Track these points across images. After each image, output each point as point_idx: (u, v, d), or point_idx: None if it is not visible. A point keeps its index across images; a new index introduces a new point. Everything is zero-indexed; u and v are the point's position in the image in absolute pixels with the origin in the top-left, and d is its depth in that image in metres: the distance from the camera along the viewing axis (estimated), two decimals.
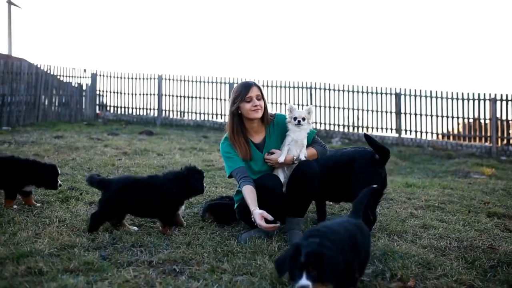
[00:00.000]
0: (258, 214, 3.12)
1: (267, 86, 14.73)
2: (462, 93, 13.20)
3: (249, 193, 3.29)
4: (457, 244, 3.45)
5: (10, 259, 2.66)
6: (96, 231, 3.29)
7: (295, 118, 3.44)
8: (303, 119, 3.44)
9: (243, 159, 3.47)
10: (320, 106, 14.48)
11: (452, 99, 13.32)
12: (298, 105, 14.61)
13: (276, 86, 14.76)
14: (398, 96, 13.81)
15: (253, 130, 3.56)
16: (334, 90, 14.39)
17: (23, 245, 2.91)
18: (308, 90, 14.55)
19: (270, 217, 3.12)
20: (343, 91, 14.33)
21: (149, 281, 2.48)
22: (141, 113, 15.69)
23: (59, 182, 4.06)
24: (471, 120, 13.28)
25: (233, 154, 3.47)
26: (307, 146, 3.51)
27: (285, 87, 14.72)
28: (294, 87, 14.66)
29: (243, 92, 3.42)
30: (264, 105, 3.49)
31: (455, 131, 13.56)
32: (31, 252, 2.76)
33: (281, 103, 14.70)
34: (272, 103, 14.65)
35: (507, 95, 12.64)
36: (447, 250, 3.29)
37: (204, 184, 3.63)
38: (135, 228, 3.51)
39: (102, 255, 2.84)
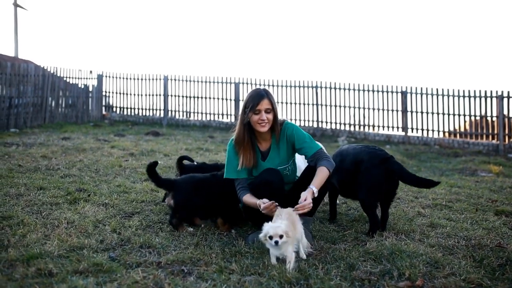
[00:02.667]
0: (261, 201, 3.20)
1: (273, 85, 14.73)
2: (469, 91, 13.13)
3: (250, 196, 3.36)
4: (465, 242, 3.44)
5: (20, 261, 2.68)
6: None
7: (270, 237, 2.77)
8: (281, 236, 2.74)
9: (246, 166, 3.45)
10: (326, 105, 14.47)
11: (459, 96, 13.25)
12: (305, 104, 14.61)
13: (282, 86, 14.76)
14: (404, 94, 13.76)
15: (262, 138, 3.54)
16: (340, 89, 14.37)
17: (32, 247, 2.93)
18: (314, 89, 14.53)
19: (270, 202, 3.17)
20: (349, 89, 14.30)
21: (158, 282, 2.50)
22: (147, 114, 15.74)
23: None
24: (478, 118, 13.20)
25: (236, 163, 3.46)
26: (318, 166, 3.34)
27: (291, 86, 14.72)
28: (300, 86, 14.65)
29: (254, 103, 3.37)
30: (273, 116, 3.44)
31: (462, 129, 13.50)
32: (41, 254, 2.79)
33: (287, 103, 14.70)
34: (278, 102, 14.65)
35: None
36: (455, 248, 3.28)
37: None
38: (191, 229, 3.63)
39: (111, 256, 2.86)
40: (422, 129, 13.62)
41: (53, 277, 2.49)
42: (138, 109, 15.78)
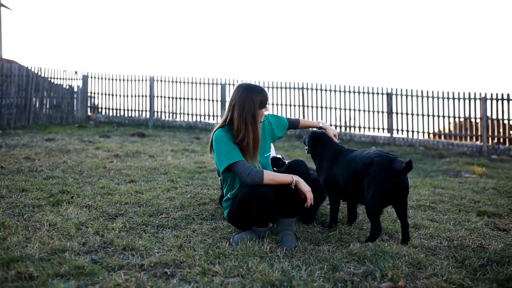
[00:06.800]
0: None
1: None
2: (453, 93, 13.28)
3: (273, 173, 3.30)
4: (447, 243, 3.48)
5: (0, 265, 2.64)
6: None
7: None
8: None
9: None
10: (312, 107, 14.52)
11: (443, 98, 13.39)
12: (291, 105, 14.65)
13: (268, 87, 14.77)
14: (389, 96, 13.86)
15: None
16: (326, 90, 14.43)
17: (13, 249, 2.89)
18: (300, 90, 14.57)
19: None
20: (335, 91, 14.37)
21: (140, 284, 2.48)
22: (133, 115, 15.65)
23: None
24: (462, 119, 13.36)
25: (233, 146, 3.37)
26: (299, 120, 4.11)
27: (277, 87, 14.74)
28: (286, 88, 14.68)
29: (264, 99, 3.46)
30: None
31: (446, 130, 13.64)
32: (22, 257, 2.75)
33: (273, 104, 14.72)
34: None
35: (497, 94, 12.73)
36: (438, 249, 3.31)
37: None
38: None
39: (93, 259, 2.83)
40: (407, 131, 13.73)
41: (34, 280, 2.46)
42: (124, 110, 15.68)
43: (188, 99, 15.30)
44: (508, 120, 12.68)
